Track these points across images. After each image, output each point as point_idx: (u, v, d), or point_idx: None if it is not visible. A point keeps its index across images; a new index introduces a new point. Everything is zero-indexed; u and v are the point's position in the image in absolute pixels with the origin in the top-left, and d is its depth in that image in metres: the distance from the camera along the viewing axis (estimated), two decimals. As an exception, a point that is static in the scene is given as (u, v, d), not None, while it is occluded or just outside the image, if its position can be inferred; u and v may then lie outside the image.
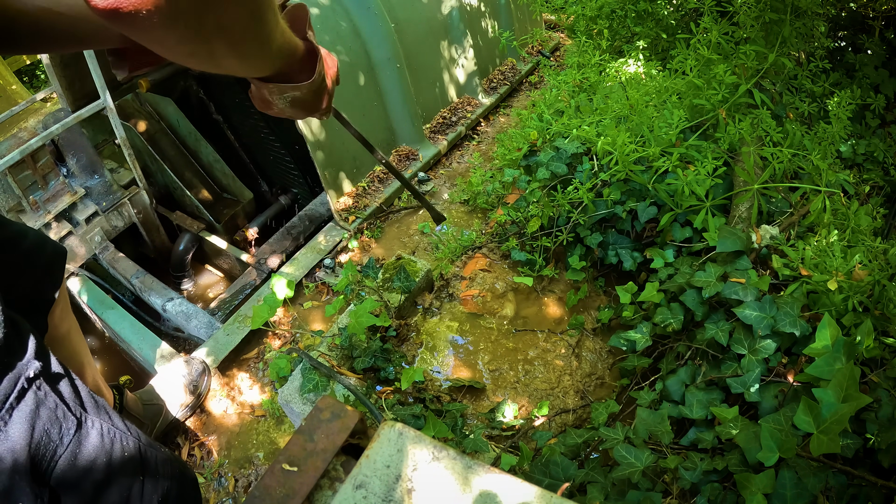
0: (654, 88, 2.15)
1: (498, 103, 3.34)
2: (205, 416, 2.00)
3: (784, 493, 1.20)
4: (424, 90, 3.00)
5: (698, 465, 1.35)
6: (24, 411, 0.76)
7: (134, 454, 0.93)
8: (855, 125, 2.60)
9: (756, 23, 1.99)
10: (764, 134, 1.95)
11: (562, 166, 2.13)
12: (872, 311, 1.52)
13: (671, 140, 1.89)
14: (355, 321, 1.76)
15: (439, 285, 2.23)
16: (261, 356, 2.15)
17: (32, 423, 0.76)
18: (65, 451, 0.80)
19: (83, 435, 0.84)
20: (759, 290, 1.57)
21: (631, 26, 2.63)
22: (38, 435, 0.77)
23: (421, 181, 2.79)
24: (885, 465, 1.23)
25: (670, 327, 1.72)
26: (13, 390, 0.76)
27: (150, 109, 3.37)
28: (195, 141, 3.38)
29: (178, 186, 3.16)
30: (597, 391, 1.91)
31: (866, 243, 1.72)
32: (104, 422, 0.90)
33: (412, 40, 2.85)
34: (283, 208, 3.36)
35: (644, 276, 2.03)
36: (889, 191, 2.49)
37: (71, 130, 2.68)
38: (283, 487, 0.95)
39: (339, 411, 1.03)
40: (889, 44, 2.81)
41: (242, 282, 2.48)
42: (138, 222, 2.94)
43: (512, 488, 0.90)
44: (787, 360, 1.49)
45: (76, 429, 0.83)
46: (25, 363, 0.79)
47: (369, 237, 2.56)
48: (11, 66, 4.58)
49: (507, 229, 2.37)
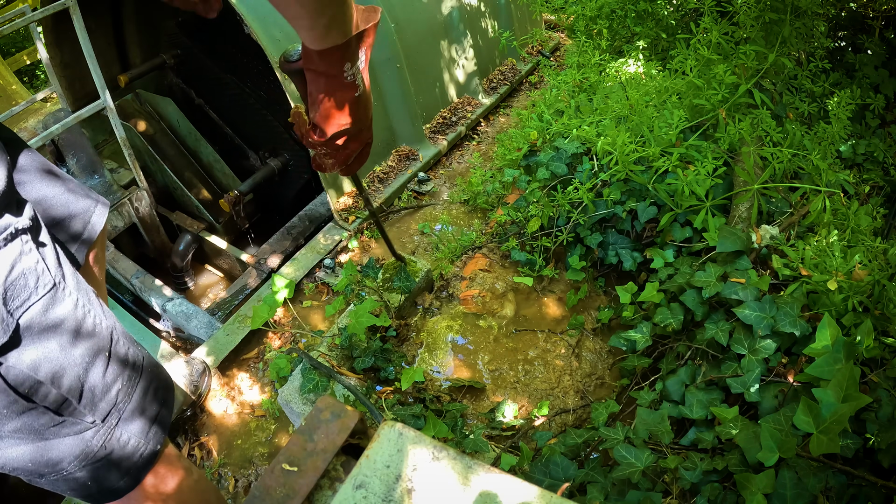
0: (654, 88, 2.15)
1: (498, 103, 3.35)
2: (205, 416, 2.00)
3: (784, 493, 1.20)
4: (424, 90, 3.00)
5: (698, 465, 1.35)
6: (8, 252, 0.80)
7: (105, 335, 0.95)
8: (855, 125, 2.60)
9: (756, 23, 1.99)
10: (764, 134, 1.95)
11: (562, 166, 2.13)
12: (872, 311, 1.52)
13: (671, 140, 1.89)
14: (355, 321, 1.76)
15: (439, 285, 2.23)
16: (261, 356, 2.15)
17: (13, 265, 0.80)
18: (37, 301, 0.83)
19: (58, 297, 0.86)
20: (759, 290, 1.57)
21: (631, 26, 2.63)
22: (14, 275, 0.80)
23: (421, 181, 2.79)
24: (885, 465, 1.23)
25: (670, 327, 1.72)
26: (6, 230, 0.79)
27: (150, 109, 3.37)
28: (195, 141, 3.38)
29: (178, 186, 3.16)
30: (597, 391, 1.91)
31: (866, 243, 1.72)
32: (81, 296, 0.92)
33: (412, 40, 2.85)
34: (273, 171, 3.30)
35: (644, 276, 2.03)
36: (889, 191, 2.49)
37: (71, 130, 2.68)
38: (283, 487, 0.95)
39: (339, 411, 1.03)
40: (889, 44, 2.81)
41: (242, 282, 2.48)
42: (138, 222, 2.94)
43: (512, 488, 0.90)
44: (787, 360, 1.49)
45: (51, 288, 0.85)
46: (18, 219, 0.83)
47: (369, 237, 2.56)
48: (11, 66, 4.58)
49: (507, 229, 2.37)
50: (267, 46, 2.26)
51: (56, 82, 2.98)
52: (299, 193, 3.38)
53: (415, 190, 2.78)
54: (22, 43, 5.29)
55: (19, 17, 2.12)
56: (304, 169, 3.27)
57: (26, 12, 2.13)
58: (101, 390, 0.93)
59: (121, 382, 0.97)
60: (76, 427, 0.91)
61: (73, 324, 0.88)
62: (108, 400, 0.95)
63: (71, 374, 0.87)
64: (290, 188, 3.39)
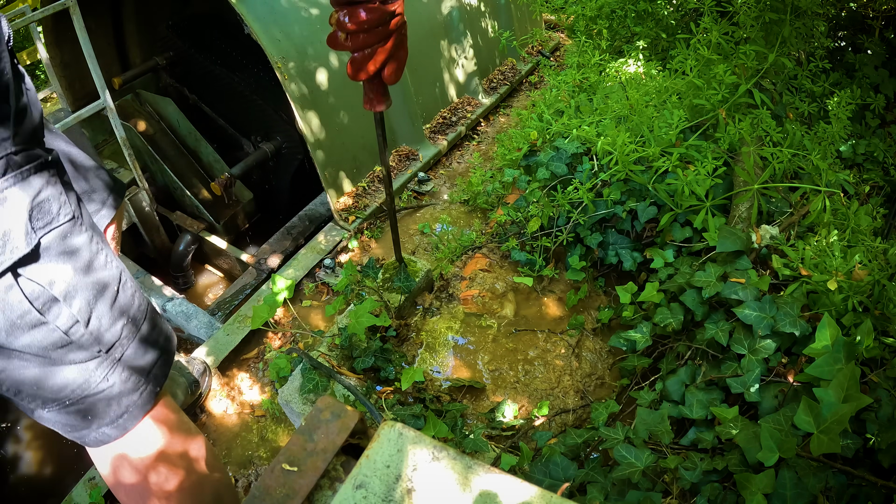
0: (654, 88, 2.15)
1: (498, 103, 3.34)
2: (205, 416, 2.00)
3: (784, 493, 1.20)
4: (424, 90, 3.00)
5: (698, 465, 1.35)
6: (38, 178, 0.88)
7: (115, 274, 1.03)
8: (855, 125, 2.60)
9: (756, 23, 1.99)
10: (764, 134, 1.95)
11: (562, 166, 2.13)
12: (872, 311, 1.52)
13: (671, 140, 1.89)
14: (355, 321, 1.76)
15: (439, 285, 2.23)
16: (261, 356, 2.15)
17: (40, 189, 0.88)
18: (58, 226, 0.91)
19: (76, 229, 0.95)
20: (759, 290, 1.57)
21: (631, 26, 2.63)
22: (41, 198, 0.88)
23: (421, 181, 2.79)
24: (885, 465, 1.23)
25: (670, 327, 1.72)
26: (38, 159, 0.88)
27: (150, 109, 3.38)
28: (195, 141, 3.38)
29: (178, 186, 3.16)
30: (597, 391, 1.91)
31: (866, 243, 1.72)
32: (96, 235, 1.01)
33: (412, 40, 2.83)
34: (266, 154, 3.32)
35: (644, 276, 2.03)
36: (889, 191, 2.49)
37: (71, 130, 2.68)
38: (283, 487, 0.95)
39: (339, 411, 1.03)
40: (889, 44, 2.81)
41: (242, 282, 2.48)
42: (138, 222, 2.94)
43: (512, 488, 0.90)
44: (787, 360, 1.49)
45: (71, 218, 0.94)
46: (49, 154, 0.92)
47: (369, 237, 2.56)
48: (11, 66, 4.57)
49: (507, 229, 2.37)
50: (267, 46, 2.26)
51: (56, 82, 2.98)
52: (294, 179, 3.40)
53: (415, 190, 2.78)
54: (22, 43, 5.29)
55: (19, 17, 2.12)
56: (297, 151, 3.29)
57: (26, 12, 2.13)
58: (107, 322, 1.00)
59: (125, 319, 1.04)
60: (82, 354, 0.97)
61: (88, 255, 0.97)
62: (113, 332, 1.01)
63: (82, 297, 0.95)
64: (284, 172, 3.42)
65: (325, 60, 2.47)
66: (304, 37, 2.42)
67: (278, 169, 3.44)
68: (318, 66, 2.45)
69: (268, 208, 3.56)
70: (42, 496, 2.36)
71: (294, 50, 2.36)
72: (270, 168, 3.46)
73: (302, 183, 3.30)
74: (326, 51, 2.48)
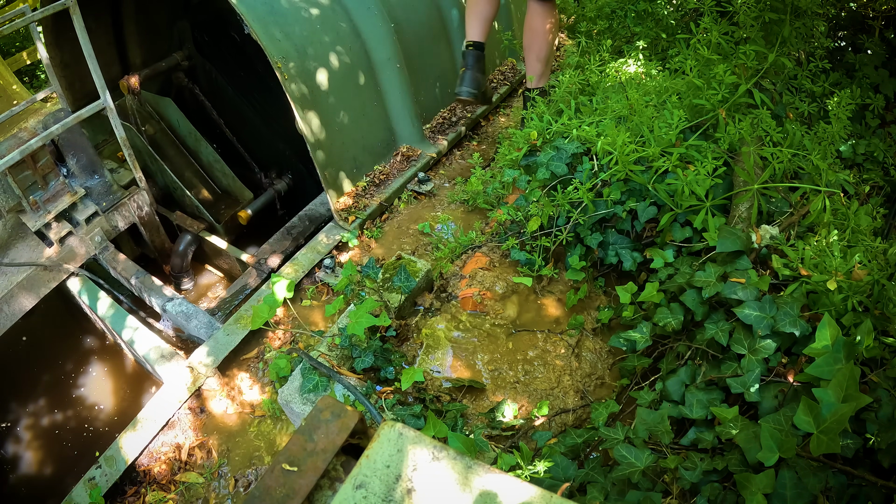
0: (654, 88, 2.15)
1: (498, 103, 3.34)
2: (205, 416, 1.99)
3: (784, 493, 1.20)
4: (424, 90, 3.00)
5: (698, 465, 1.35)
6: None
7: None
8: (855, 125, 2.60)
9: (756, 23, 1.99)
10: (764, 134, 1.95)
11: (562, 166, 2.13)
12: (872, 311, 1.52)
13: (671, 140, 1.89)
14: (355, 321, 1.76)
15: (439, 285, 2.23)
16: (261, 356, 2.15)
17: None
18: None
19: None
20: (759, 290, 1.56)
21: (631, 26, 2.63)
22: None
23: (421, 181, 2.79)
24: (885, 465, 1.23)
25: (670, 327, 1.72)
26: None
27: (150, 109, 3.38)
28: (195, 141, 3.38)
29: (178, 186, 3.16)
30: (597, 391, 1.91)
31: (866, 243, 1.72)
32: None
33: (412, 40, 2.85)
34: (277, 196, 3.38)
35: (644, 276, 2.03)
36: (889, 191, 2.49)
37: (71, 130, 2.68)
38: (283, 487, 0.95)
39: (339, 411, 1.03)
40: (889, 44, 2.81)
41: (242, 282, 2.48)
42: (138, 222, 2.94)
43: (512, 488, 0.90)
44: (787, 360, 1.49)
45: None
46: None
47: (369, 237, 2.56)
48: (11, 66, 4.57)
49: (507, 229, 2.37)
50: (267, 46, 2.26)
51: (56, 82, 2.98)
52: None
53: (415, 190, 2.78)
54: (22, 43, 5.29)
55: (19, 17, 2.12)
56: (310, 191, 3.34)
57: (26, 12, 2.13)
58: None
59: None
60: None
61: None
62: None
63: None
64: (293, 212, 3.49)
65: (325, 60, 2.47)
66: (304, 37, 2.42)
67: (289, 199, 3.52)
68: (318, 66, 2.45)
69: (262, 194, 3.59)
70: (42, 496, 2.36)
71: (294, 50, 2.36)
72: (281, 198, 3.52)
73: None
74: (326, 51, 2.49)
